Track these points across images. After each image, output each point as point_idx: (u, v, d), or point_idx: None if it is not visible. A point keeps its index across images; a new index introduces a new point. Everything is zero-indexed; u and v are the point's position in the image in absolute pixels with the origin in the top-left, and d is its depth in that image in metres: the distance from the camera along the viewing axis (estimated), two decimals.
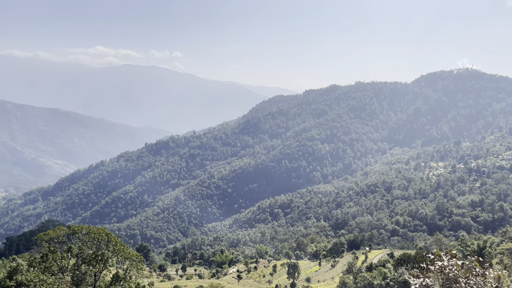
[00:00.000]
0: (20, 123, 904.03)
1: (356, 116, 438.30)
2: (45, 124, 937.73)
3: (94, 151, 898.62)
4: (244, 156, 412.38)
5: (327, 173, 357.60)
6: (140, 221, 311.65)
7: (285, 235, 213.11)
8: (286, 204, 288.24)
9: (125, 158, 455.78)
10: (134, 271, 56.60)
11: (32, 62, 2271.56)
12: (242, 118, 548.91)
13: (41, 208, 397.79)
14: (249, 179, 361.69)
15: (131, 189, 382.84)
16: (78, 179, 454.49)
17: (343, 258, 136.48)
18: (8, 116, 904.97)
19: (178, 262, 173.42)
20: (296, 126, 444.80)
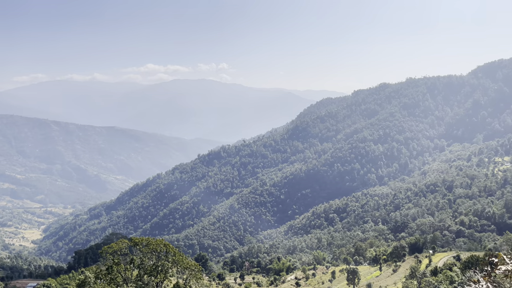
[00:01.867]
0: (83, 143, 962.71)
1: (410, 113, 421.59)
2: (104, 142, 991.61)
3: (150, 164, 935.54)
4: (295, 161, 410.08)
5: (382, 175, 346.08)
6: (197, 231, 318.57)
7: (342, 240, 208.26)
8: (341, 208, 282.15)
9: (180, 170, 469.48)
10: (194, 280, 57.66)
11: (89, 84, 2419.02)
12: (290, 124, 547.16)
13: (105, 222, 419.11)
14: (301, 184, 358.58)
15: (187, 200, 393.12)
16: (137, 192, 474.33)
17: (405, 262, 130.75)
18: (72, 137, 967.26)
19: (236, 270, 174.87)
20: (346, 128, 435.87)
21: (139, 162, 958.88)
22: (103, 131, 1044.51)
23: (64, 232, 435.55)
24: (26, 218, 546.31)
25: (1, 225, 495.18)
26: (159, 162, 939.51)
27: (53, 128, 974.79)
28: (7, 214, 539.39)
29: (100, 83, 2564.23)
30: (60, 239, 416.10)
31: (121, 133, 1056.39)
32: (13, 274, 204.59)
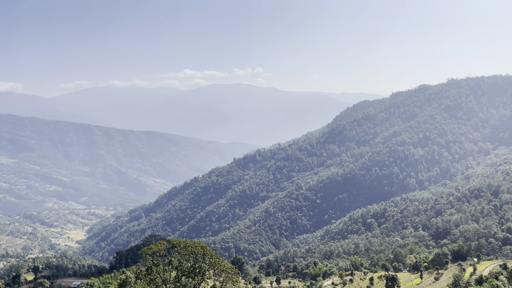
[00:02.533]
0: (123, 147, 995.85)
1: (451, 116, 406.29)
2: (144, 146, 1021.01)
3: (188, 168, 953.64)
4: (331, 165, 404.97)
5: (423, 179, 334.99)
6: (233, 234, 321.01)
7: (381, 246, 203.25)
8: (380, 213, 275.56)
9: (216, 173, 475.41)
10: (230, 283, 58.29)
11: (130, 90, 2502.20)
12: (326, 127, 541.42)
13: (144, 224, 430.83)
14: (337, 189, 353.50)
15: (223, 203, 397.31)
16: (175, 195, 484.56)
17: (448, 270, 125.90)
18: (113, 141, 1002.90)
19: (272, 274, 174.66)
20: (384, 131, 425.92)
21: (177, 165, 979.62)
22: (142, 135, 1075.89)
23: (106, 233, 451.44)
24: (71, 219, 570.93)
25: (48, 225, 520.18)
26: (196, 166, 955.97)
27: (96, 133, 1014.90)
28: (54, 215, 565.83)
29: (139, 89, 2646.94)
30: (102, 240, 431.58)
31: (159, 138, 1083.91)
32: (59, 272, 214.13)
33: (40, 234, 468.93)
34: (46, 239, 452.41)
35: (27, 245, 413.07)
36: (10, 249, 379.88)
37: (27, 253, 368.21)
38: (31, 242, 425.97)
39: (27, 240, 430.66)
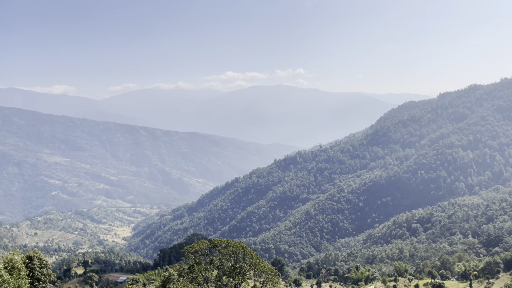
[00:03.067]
0: (167, 147, 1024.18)
1: (505, 117, 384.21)
2: (187, 146, 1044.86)
3: (229, 168, 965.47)
4: (374, 168, 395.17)
5: (473, 183, 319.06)
6: (273, 235, 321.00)
7: (427, 252, 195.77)
8: (426, 218, 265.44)
9: (257, 174, 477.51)
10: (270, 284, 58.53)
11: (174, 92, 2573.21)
12: (370, 129, 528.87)
13: (187, 223, 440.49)
14: (381, 192, 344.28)
15: (263, 204, 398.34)
16: (217, 195, 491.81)
17: (499, 279, 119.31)
18: (158, 142, 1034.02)
19: (312, 277, 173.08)
20: (431, 133, 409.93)
21: (219, 166, 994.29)
22: (186, 136, 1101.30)
23: (151, 230, 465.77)
24: (118, 217, 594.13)
25: (97, 222, 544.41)
26: (237, 166, 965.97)
27: (142, 134, 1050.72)
28: (102, 212, 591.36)
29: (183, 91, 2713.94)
30: (147, 237, 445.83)
31: (202, 138, 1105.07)
32: (106, 267, 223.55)
33: (89, 230, 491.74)
34: (95, 235, 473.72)
35: (78, 240, 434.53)
36: (62, 244, 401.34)
37: (77, 248, 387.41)
38: (81, 237, 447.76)
39: (78, 235, 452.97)
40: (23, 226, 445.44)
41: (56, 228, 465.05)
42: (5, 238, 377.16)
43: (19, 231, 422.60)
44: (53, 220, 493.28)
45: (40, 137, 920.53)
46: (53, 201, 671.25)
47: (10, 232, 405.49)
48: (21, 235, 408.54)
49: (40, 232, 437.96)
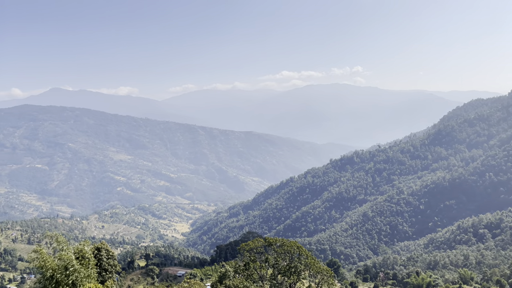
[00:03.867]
0: (224, 146, 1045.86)
1: None
2: (243, 145, 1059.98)
3: (284, 168, 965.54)
4: (436, 169, 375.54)
5: None
6: (329, 236, 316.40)
7: (495, 259, 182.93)
8: (494, 224, 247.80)
9: (312, 174, 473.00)
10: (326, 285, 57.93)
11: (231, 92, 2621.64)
12: (432, 128, 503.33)
13: (242, 220, 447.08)
14: (444, 195, 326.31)
15: (319, 204, 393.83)
16: (271, 194, 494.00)
17: None
18: (215, 141, 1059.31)
19: (369, 280, 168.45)
20: (501, 133, 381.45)
21: (274, 165, 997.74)
22: (242, 135, 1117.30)
23: (208, 227, 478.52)
24: (177, 213, 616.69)
25: (158, 217, 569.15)
26: (292, 166, 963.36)
27: (200, 133, 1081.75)
28: (162, 208, 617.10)
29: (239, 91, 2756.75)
30: (204, 234, 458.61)
31: (257, 138, 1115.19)
32: (166, 261, 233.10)
33: (151, 224, 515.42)
34: (156, 229, 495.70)
35: (140, 234, 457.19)
36: (126, 237, 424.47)
37: (140, 241, 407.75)
38: (143, 231, 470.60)
39: (140, 229, 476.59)
40: (92, 219, 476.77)
41: (121, 222, 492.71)
42: (76, 230, 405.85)
43: (88, 223, 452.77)
44: (118, 214, 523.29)
45: (107, 135, 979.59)
46: (118, 196, 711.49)
47: (81, 225, 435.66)
48: (90, 228, 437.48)
49: (106, 225, 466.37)
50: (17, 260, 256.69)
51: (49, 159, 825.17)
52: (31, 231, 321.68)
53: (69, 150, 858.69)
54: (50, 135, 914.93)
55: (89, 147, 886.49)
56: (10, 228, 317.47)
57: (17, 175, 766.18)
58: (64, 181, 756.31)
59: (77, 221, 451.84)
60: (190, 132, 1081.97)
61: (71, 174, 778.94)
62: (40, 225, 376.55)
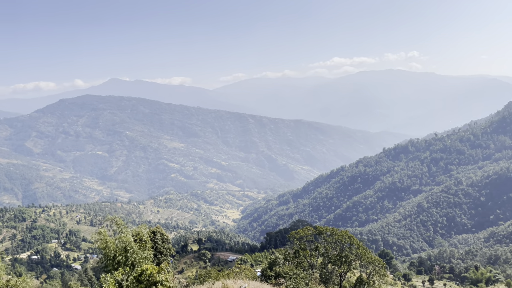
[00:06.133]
0: (274, 134, 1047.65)
1: None
2: (292, 134, 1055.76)
3: (334, 157, 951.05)
4: (500, 159, 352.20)
5: None
6: (381, 227, 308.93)
7: None
8: None
9: (364, 163, 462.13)
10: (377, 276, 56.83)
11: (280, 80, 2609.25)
12: (495, 115, 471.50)
13: (292, 208, 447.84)
14: (508, 186, 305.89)
15: (370, 194, 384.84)
16: (321, 183, 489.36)
17: None
18: (265, 129, 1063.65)
19: (423, 273, 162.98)
20: None
21: (324, 153, 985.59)
22: (291, 123, 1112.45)
23: (258, 214, 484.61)
24: (228, 199, 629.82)
25: (209, 203, 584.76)
26: (342, 154, 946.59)
27: (250, 121, 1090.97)
28: (214, 194, 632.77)
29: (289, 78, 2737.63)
30: (254, 221, 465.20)
31: (307, 126, 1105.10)
32: (218, 246, 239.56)
33: (203, 210, 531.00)
34: (207, 215, 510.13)
35: (193, 219, 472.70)
36: (179, 222, 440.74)
37: (192, 226, 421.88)
38: (196, 217, 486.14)
39: (193, 215, 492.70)
40: (148, 204, 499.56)
41: (174, 207, 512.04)
42: (133, 213, 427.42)
43: (144, 208, 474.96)
44: (172, 200, 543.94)
45: (161, 124, 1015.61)
46: (172, 182, 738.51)
47: (137, 209, 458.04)
48: (146, 212, 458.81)
49: (161, 210, 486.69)
50: (81, 241, 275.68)
51: (108, 147, 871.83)
52: (93, 214, 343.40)
53: (126, 138, 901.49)
54: (109, 124, 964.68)
55: (145, 135, 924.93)
56: (75, 211, 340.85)
57: (80, 161, 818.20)
58: (122, 167, 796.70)
59: (134, 205, 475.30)
60: (240, 120, 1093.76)
61: (129, 160, 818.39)
62: (101, 208, 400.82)
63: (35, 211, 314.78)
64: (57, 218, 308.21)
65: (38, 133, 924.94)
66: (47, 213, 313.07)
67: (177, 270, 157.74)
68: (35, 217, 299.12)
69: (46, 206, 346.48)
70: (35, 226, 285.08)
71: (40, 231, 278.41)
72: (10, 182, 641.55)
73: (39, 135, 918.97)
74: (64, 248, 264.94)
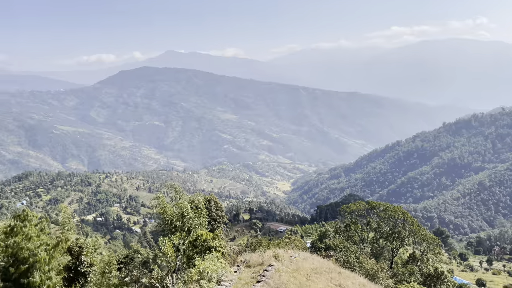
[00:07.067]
0: (326, 107, 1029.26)
1: None
2: (346, 107, 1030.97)
3: (390, 131, 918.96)
4: None
5: None
6: (437, 204, 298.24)
7: None
8: None
9: (421, 138, 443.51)
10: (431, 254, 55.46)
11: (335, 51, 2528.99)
12: None
13: (343, 183, 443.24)
14: None
15: (427, 170, 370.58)
16: (375, 158, 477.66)
17: None
18: (317, 102, 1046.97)
19: (482, 253, 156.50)
20: None
21: (379, 127, 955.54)
22: (345, 96, 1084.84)
23: (308, 187, 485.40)
24: (279, 171, 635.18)
25: (260, 175, 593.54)
26: (399, 129, 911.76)
27: (302, 94, 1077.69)
28: (265, 166, 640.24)
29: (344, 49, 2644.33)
30: (304, 193, 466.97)
31: (362, 98, 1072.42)
32: (268, 216, 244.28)
33: (254, 181, 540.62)
34: (259, 186, 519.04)
35: (244, 189, 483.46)
36: (231, 191, 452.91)
37: (244, 196, 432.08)
38: (247, 187, 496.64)
39: (244, 185, 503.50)
40: (202, 173, 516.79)
41: (227, 177, 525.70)
42: (188, 182, 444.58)
43: (199, 177, 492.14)
44: (224, 170, 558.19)
45: (215, 96, 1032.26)
46: (224, 153, 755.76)
47: (192, 178, 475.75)
48: (200, 181, 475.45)
49: (214, 180, 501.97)
50: (140, 206, 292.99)
51: (164, 117, 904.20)
52: (151, 181, 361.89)
53: (181, 109, 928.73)
54: (165, 95, 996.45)
55: (199, 107, 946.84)
56: (134, 178, 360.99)
57: (139, 131, 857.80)
58: (178, 137, 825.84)
59: (189, 174, 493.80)
60: (292, 93, 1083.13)
61: (184, 131, 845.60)
62: (158, 176, 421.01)
63: (99, 176, 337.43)
64: (119, 184, 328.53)
65: (101, 103, 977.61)
66: (110, 179, 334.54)
67: (229, 238, 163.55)
68: (99, 182, 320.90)
69: (109, 172, 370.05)
70: (99, 191, 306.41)
71: (104, 195, 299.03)
72: (77, 149, 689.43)
73: (102, 105, 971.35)
74: (125, 212, 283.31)
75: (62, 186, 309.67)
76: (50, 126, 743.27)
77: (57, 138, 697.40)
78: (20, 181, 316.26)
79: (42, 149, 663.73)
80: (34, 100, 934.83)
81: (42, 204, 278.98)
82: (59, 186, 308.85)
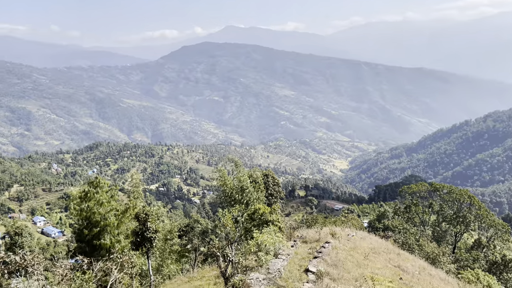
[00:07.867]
0: (389, 84, 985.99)
1: None
2: (410, 83, 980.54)
3: (458, 110, 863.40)
4: None
5: None
6: (508, 189, 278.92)
7: None
8: None
9: (493, 118, 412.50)
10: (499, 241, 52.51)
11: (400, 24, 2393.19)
12: None
13: (404, 163, 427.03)
14: None
15: (499, 153, 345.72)
16: (440, 138, 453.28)
17: None
18: (379, 78, 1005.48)
19: None
20: None
21: (445, 106, 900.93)
22: (409, 72, 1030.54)
23: (367, 166, 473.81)
24: (336, 149, 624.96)
25: (317, 152, 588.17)
26: (468, 108, 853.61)
27: (364, 69, 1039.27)
28: (322, 143, 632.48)
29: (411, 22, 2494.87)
30: (363, 172, 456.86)
31: (428, 75, 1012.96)
32: (324, 194, 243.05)
33: (310, 158, 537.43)
34: (315, 163, 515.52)
35: (300, 166, 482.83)
36: (287, 168, 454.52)
37: (300, 173, 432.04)
38: (303, 164, 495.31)
39: (301, 162, 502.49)
40: (258, 149, 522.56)
41: (283, 154, 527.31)
42: (245, 157, 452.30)
43: (255, 152, 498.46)
44: (281, 146, 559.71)
45: (273, 71, 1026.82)
46: (281, 129, 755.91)
47: (249, 153, 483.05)
48: (257, 156, 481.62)
49: (271, 155, 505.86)
50: (199, 178, 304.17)
51: (224, 93, 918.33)
52: (210, 154, 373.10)
53: (240, 85, 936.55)
54: (225, 70, 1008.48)
55: (258, 82, 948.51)
56: (194, 151, 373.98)
57: (199, 105, 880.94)
58: (236, 112, 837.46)
59: (246, 149, 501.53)
60: (354, 68, 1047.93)
61: (242, 106, 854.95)
62: (217, 150, 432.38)
63: (162, 148, 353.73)
64: (180, 157, 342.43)
65: (164, 78, 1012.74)
66: (172, 151, 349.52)
67: (285, 213, 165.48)
68: (162, 154, 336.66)
69: (170, 145, 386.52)
70: (162, 162, 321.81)
71: (166, 167, 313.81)
72: (141, 122, 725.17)
73: (164, 80, 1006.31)
74: (186, 183, 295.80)
75: (128, 156, 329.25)
76: (118, 99, 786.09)
77: (124, 111, 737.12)
78: (91, 151, 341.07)
79: (110, 121, 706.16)
80: (103, 75, 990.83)
81: (111, 172, 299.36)
82: (125, 156, 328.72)
